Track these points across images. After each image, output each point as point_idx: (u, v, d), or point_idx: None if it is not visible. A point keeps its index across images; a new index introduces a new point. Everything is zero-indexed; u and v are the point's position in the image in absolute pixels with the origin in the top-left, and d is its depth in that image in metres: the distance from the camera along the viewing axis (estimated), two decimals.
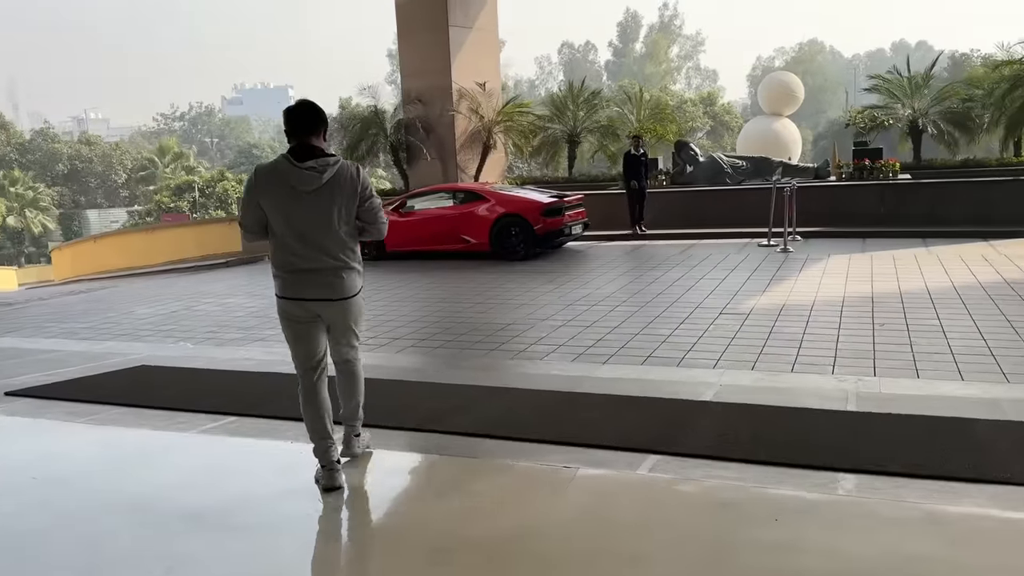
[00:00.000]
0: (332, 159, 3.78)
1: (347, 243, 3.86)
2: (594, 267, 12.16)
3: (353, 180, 3.82)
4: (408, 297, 10.44)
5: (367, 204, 3.90)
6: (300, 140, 3.77)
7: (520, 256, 13.18)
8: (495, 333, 8.05)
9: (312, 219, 3.75)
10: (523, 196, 13.72)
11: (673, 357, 6.76)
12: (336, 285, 3.85)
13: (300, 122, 3.78)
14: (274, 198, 3.76)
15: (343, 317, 3.95)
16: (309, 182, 3.71)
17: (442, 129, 19.01)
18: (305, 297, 3.83)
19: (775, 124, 23.25)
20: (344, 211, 3.80)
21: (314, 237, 3.76)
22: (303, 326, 3.91)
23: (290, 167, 3.72)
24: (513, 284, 10.95)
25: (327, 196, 3.75)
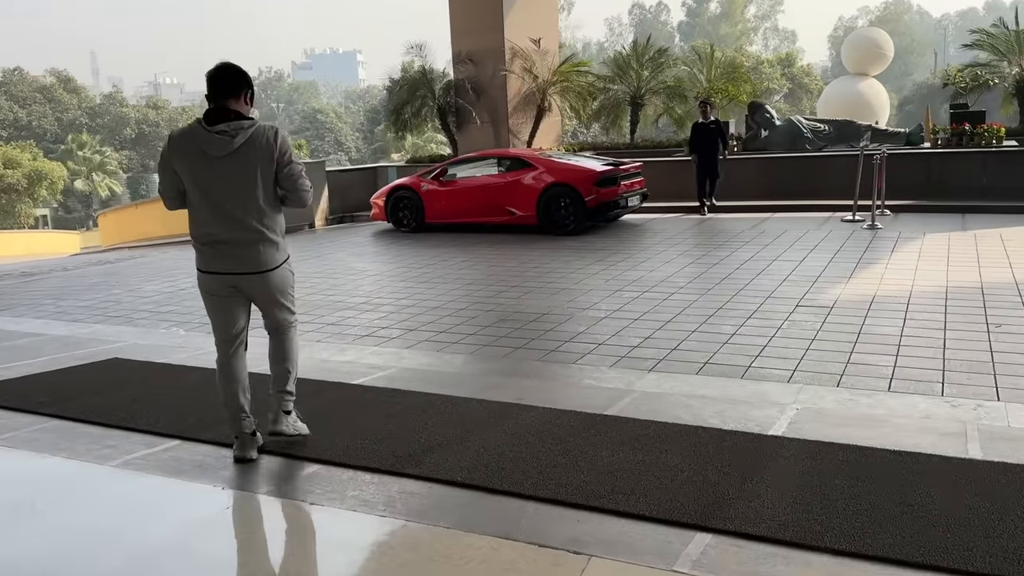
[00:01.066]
0: (247, 123, 3.57)
1: (265, 212, 3.65)
2: (651, 244, 10.81)
3: (269, 144, 3.60)
4: (437, 278, 9.30)
5: (286, 170, 3.66)
6: (217, 103, 3.60)
7: (569, 230, 11.91)
8: (526, 325, 6.85)
9: (225, 186, 3.58)
10: (574, 164, 12.40)
11: (738, 364, 5.45)
12: (253, 257, 3.67)
13: (218, 84, 3.60)
14: (186, 164, 3.59)
15: (265, 291, 3.78)
16: (220, 147, 3.53)
17: (494, 91, 17.76)
18: (221, 271, 3.68)
19: (860, 85, 21.23)
20: (260, 178, 3.61)
21: (228, 206, 3.60)
22: (221, 299, 3.77)
23: (201, 131, 3.56)
24: (557, 263, 9.71)
25: (240, 162, 3.56)
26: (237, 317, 3.83)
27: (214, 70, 3.63)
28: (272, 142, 3.61)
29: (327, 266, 10.57)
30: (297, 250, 12.51)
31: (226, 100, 3.59)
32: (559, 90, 17.60)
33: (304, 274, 9.92)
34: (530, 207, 12.17)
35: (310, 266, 10.59)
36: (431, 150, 37.94)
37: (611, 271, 9.05)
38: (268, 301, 3.83)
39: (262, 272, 3.71)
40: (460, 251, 11.14)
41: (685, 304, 7.26)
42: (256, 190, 3.60)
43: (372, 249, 12.00)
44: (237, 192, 3.58)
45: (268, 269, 3.72)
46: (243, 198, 3.59)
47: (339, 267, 10.39)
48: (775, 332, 6.21)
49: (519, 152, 13.34)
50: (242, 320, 3.86)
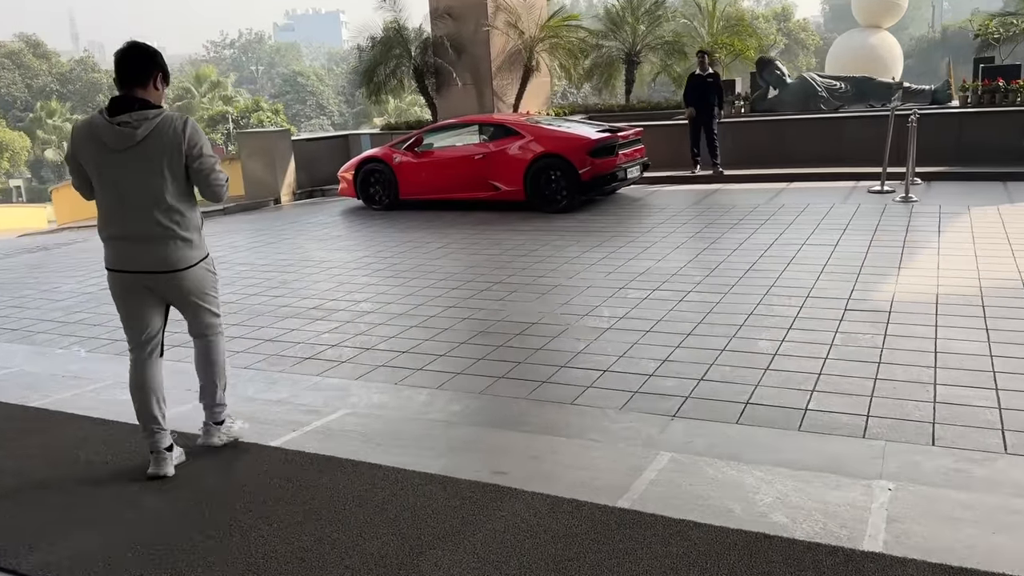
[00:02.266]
0: (152, 112, 3.27)
1: (174, 208, 3.36)
2: (655, 224, 9.41)
3: (177, 135, 3.30)
4: (407, 271, 7.91)
5: (196, 164, 3.35)
6: (122, 91, 3.31)
7: (561, 207, 10.50)
8: (511, 340, 5.48)
9: (130, 181, 3.30)
10: (566, 131, 10.93)
11: (790, 406, 4.11)
12: (163, 256, 3.39)
13: (122, 70, 3.30)
14: (90, 157, 3.32)
15: (179, 293, 3.51)
16: (122, 139, 3.25)
17: (476, 49, 16.18)
18: (129, 269, 3.41)
19: (872, 38, 19.66)
20: (168, 171, 3.31)
21: (134, 201, 3.32)
22: (132, 300, 3.48)
23: (103, 123, 3.27)
24: (548, 250, 8.31)
25: (145, 155, 3.28)
26: (150, 320, 3.52)
27: (119, 53, 3.33)
28: (180, 133, 3.31)
29: (281, 256, 9.14)
30: (253, 234, 11.17)
31: (131, 87, 3.30)
32: (547, 47, 16.04)
33: (254, 267, 8.51)
34: (516, 181, 10.74)
35: (262, 256, 9.16)
36: (415, 114, 36.25)
37: (612, 260, 7.66)
38: (184, 304, 3.57)
39: (173, 271, 3.43)
40: (436, 234, 9.71)
41: (706, 307, 5.90)
42: (163, 184, 3.31)
43: (336, 232, 10.56)
44: (142, 187, 3.30)
45: (180, 268, 3.44)
46: (149, 193, 3.31)
47: (295, 257, 8.97)
48: (827, 351, 4.86)
49: (503, 118, 11.85)
50: (156, 323, 3.55)
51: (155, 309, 3.52)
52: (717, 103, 12.66)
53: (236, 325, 6.24)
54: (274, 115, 43.70)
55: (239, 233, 11.08)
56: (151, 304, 3.50)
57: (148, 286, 3.44)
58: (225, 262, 8.75)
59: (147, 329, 3.51)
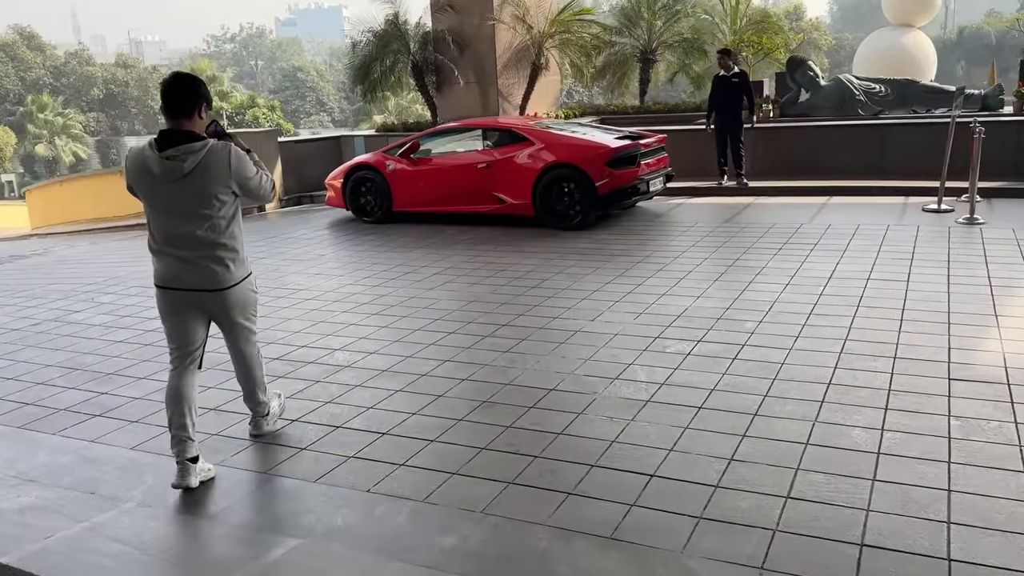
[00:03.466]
0: (197, 145, 3.44)
1: (221, 229, 3.54)
2: (685, 246, 8.16)
3: (223, 167, 3.47)
4: (394, 306, 6.68)
5: (244, 184, 3.56)
6: (171, 123, 3.47)
7: (575, 224, 9.26)
8: (521, 416, 4.24)
9: (179, 207, 3.46)
10: (581, 138, 9.68)
11: (924, 553, 2.87)
12: (210, 275, 3.57)
13: (170, 103, 3.46)
14: (142, 186, 3.51)
15: (223, 310, 3.68)
16: (170, 173, 3.42)
17: (480, 44, 14.95)
18: (176, 287, 3.57)
19: (903, 38, 18.37)
20: (215, 200, 3.49)
21: (183, 225, 3.49)
22: (177, 315, 3.64)
23: (152, 156, 3.44)
24: (563, 280, 7.07)
25: (193, 184, 3.44)
26: (193, 335, 3.69)
27: (166, 84, 3.50)
28: (227, 166, 3.48)
29: None
30: None
31: (179, 120, 3.45)
32: (558, 43, 14.79)
33: None
34: (524, 193, 9.49)
35: None
36: (416, 112, 34.98)
37: (640, 296, 6.42)
38: (227, 320, 3.75)
39: (220, 290, 3.61)
40: (432, 255, 8.46)
41: (769, 369, 4.66)
42: (211, 210, 3.49)
43: (319, 250, 9.30)
44: (191, 212, 3.47)
45: (226, 287, 3.62)
46: (198, 218, 3.48)
47: (266, 283, 7.73)
48: (947, 448, 3.62)
49: (510, 122, 10.59)
50: (198, 338, 3.72)
51: (199, 324, 3.69)
52: (747, 106, 11.46)
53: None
54: (270, 111, 42.41)
55: None
56: (196, 319, 3.66)
57: (194, 303, 3.61)
58: None
59: (190, 344, 3.68)
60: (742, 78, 11.68)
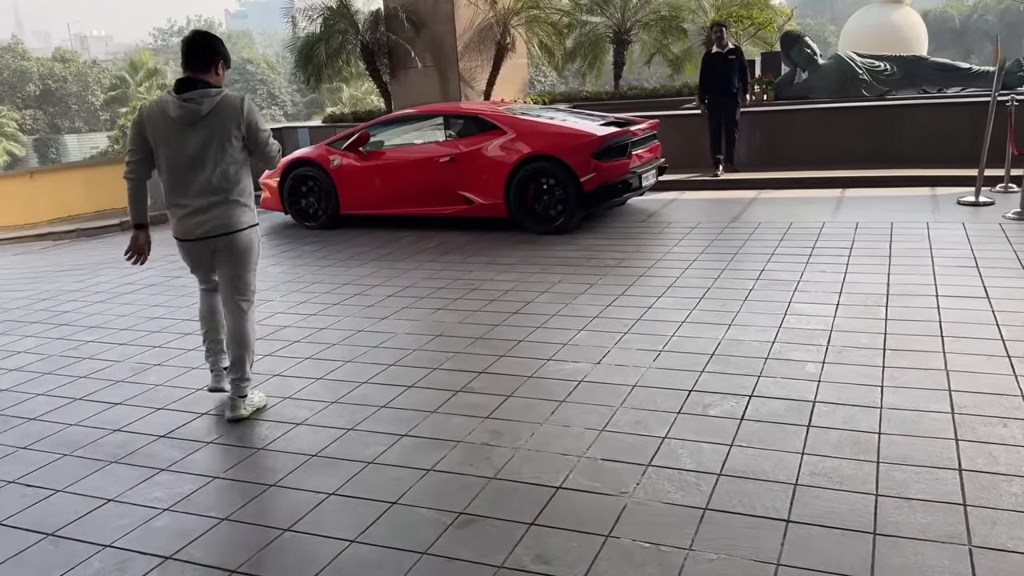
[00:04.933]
0: (213, 91, 3.70)
1: (231, 176, 3.76)
2: (691, 254, 6.74)
3: (236, 111, 3.72)
4: (335, 346, 5.15)
5: (253, 135, 3.78)
6: (187, 73, 3.73)
7: (556, 226, 7.81)
8: (515, 544, 2.76)
9: (195, 152, 3.69)
10: (561, 125, 8.20)
11: None
12: (221, 219, 3.76)
13: (188, 56, 3.74)
14: (159, 132, 3.70)
15: (230, 254, 3.83)
16: (187, 115, 3.65)
17: (438, 24, 13.40)
18: (192, 238, 3.80)
19: (893, 14, 17.19)
20: (227, 143, 3.72)
21: (196, 171, 3.71)
22: (196, 257, 3.92)
23: (171, 100, 3.69)
24: (549, 301, 5.58)
25: (207, 128, 3.68)
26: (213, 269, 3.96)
27: (185, 41, 3.74)
28: (239, 109, 3.72)
29: (136, 313, 6.29)
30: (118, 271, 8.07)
31: (195, 71, 3.71)
32: (524, 20, 13.28)
33: (80, 333, 5.67)
34: (496, 191, 8.00)
35: (110, 312, 6.31)
36: (373, 103, 33.16)
37: (653, 324, 4.97)
38: (230, 265, 3.86)
39: (230, 233, 3.78)
40: (386, 271, 6.92)
41: (865, 445, 3.23)
42: (223, 155, 3.71)
43: None
44: (204, 157, 3.69)
45: (236, 230, 3.80)
46: (210, 163, 3.70)
47: (166, 314, 6.13)
48: None
49: (476, 108, 9.05)
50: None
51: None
52: (740, 85, 10.18)
53: None
54: None
55: (104, 267, 8.18)
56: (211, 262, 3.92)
57: (209, 248, 3.82)
58: (45, 319, 5.93)
59: (212, 274, 4.01)
60: (738, 55, 10.37)
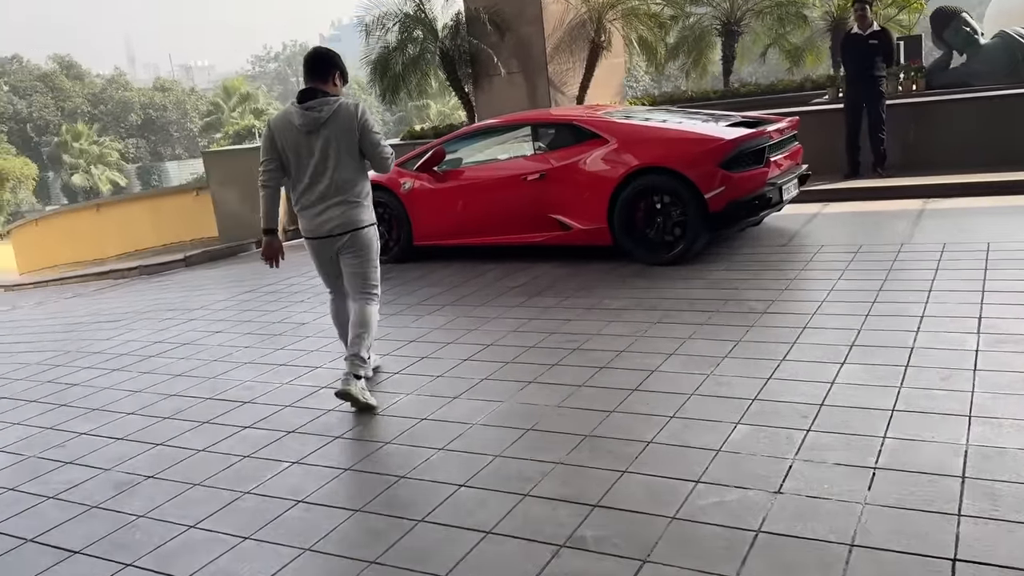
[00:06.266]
0: (332, 99, 4.04)
1: (349, 178, 4.07)
2: (853, 290, 5.04)
3: (350, 116, 4.02)
4: (369, 454, 3.74)
5: (366, 139, 4.06)
6: (308, 85, 4.10)
7: (673, 256, 6.24)
8: None
9: (318, 157, 4.02)
10: (677, 129, 6.64)
11: None
12: (342, 218, 4.08)
13: (309, 69, 4.12)
14: (286, 139, 4.06)
15: (351, 250, 4.15)
16: (310, 122, 4.00)
17: (525, 25, 12.01)
18: (319, 235, 4.14)
19: None
20: (344, 147, 4.03)
21: (319, 173, 4.04)
22: (324, 257, 4.25)
23: (294, 109, 4.05)
24: (670, 371, 4.02)
25: (327, 134, 4.01)
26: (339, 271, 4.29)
27: (308, 56, 4.16)
28: (353, 115, 4.03)
29: (153, 382, 5.04)
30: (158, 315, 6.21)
31: (315, 82, 4.09)
32: (621, 14, 11.74)
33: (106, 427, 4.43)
34: (597, 214, 6.49)
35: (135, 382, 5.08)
36: (459, 118, 32.16)
37: (853, 418, 3.34)
38: (353, 261, 4.19)
39: (352, 231, 4.12)
40: (463, 322, 5.49)
41: None
42: (342, 158, 4.03)
43: (301, 313, 6.38)
44: (327, 160, 4.02)
45: (356, 228, 4.13)
46: (333, 166, 4.03)
47: (194, 369, 4.86)
48: None
49: (571, 114, 7.56)
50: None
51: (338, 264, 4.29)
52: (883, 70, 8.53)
53: None
54: None
55: (143, 318, 7.04)
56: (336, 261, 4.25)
57: (334, 246, 4.16)
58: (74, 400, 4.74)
59: (339, 277, 4.31)
60: (882, 37, 8.64)
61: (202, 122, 50.03)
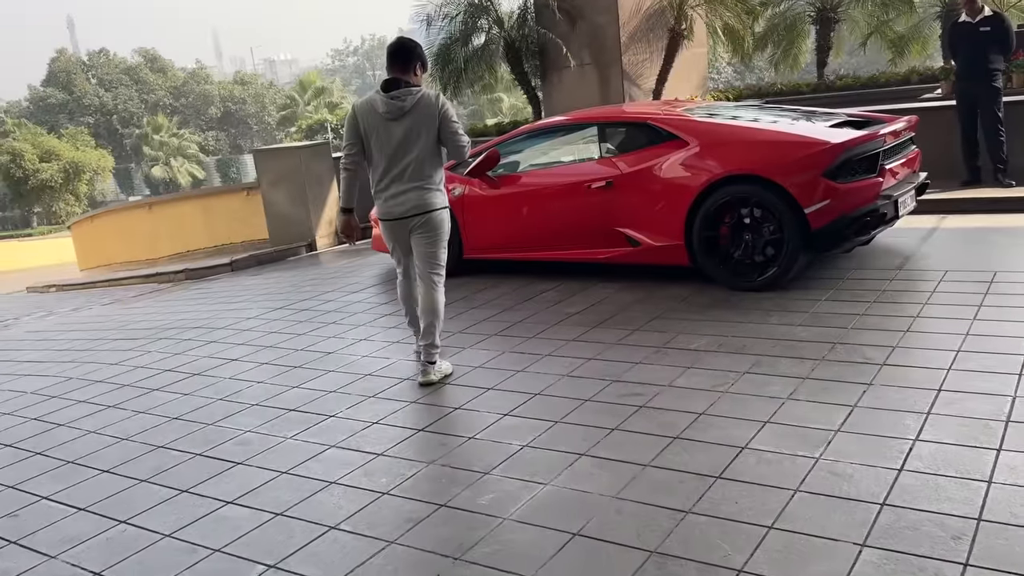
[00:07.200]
0: (415, 89, 4.22)
1: (428, 163, 4.26)
2: (997, 330, 3.98)
3: (431, 106, 4.21)
4: (376, 551, 2.90)
5: (445, 127, 4.25)
6: (392, 74, 4.28)
7: (764, 280, 5.25)
8: None
9: (398, 143, 4.21)
10: (770, 130, 5.63)
11: None
12: (418, 201, 4.26)
13: (392, 59, 4.30)
14: (369, 124, 4.25)
15: (424, 231, 4.30)
16: (394, 110, 4.18)
17: (597, 13, 11.08)
18: (395, 217, 4.30)
19: None
20: (426, 135, 4.22)
21: (400, 158, 4.23)
22: (398, 238, 4.41)
23: (379, 97, 4.24)
24: (763, 447, 3.06)
25: (410, 122, 4.19)
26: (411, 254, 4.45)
27: (391, 46, 4.35)
28: (435, 104, 4.22)
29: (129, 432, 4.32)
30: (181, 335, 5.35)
31: (397, 72, 4.26)
32: (704, 1, 10.66)
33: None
34: (672, 229, 5.55)
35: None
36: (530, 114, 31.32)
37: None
38: (424, 242, 4.33)
39: (425, 213, 4.28)
40: (502, 363, 4.62)
41: None
42: (422, 145, 4.22)
43: (327, 340, 5.63)
44: (407, 146, 4.21)
45: (431, 210, 4.29)
46: (412, 152, 4.21)
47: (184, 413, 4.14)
48: None
49: (644, 111, 6.58)
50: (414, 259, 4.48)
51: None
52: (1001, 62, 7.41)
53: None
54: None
55: (165, 335, 6.39)
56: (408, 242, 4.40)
57: (407, 227, 4.32)
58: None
59: (410, 255, 4.44)
60: (999, 25, 7.46)
61: (279, 115, 50.47)
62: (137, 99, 53.29)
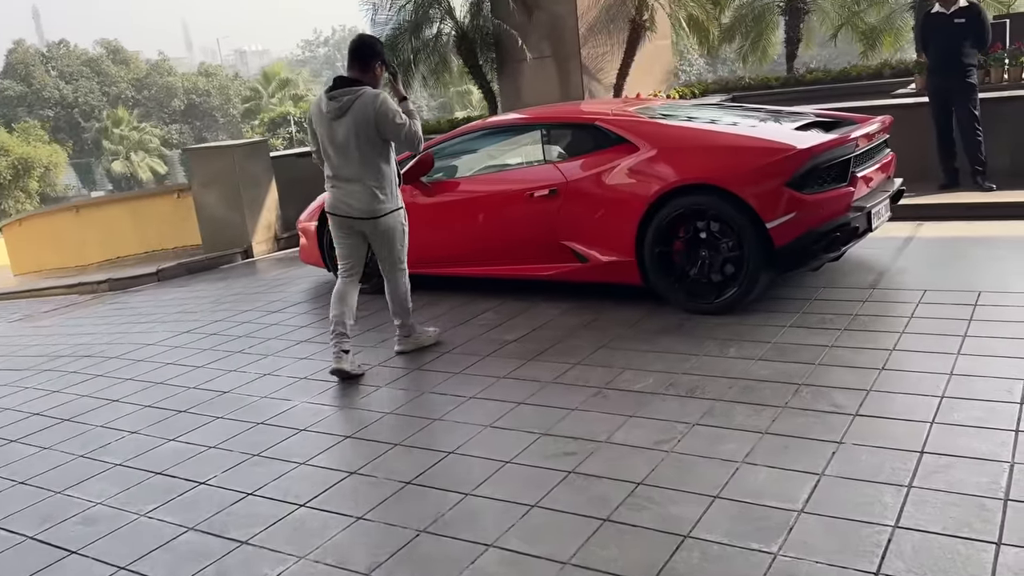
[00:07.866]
0: (356, 88, 4.19)
1: (368, 166, 4.24)
2: (989, 367, 3.41)
3: (368, 105, 4.15)
4: None
5: (384, 128, 4.19)
6: (352, 71, 4.29)
7: (723, 302, 4.67)
8: None
9: (341, 142, 4.22)
10: (730, 134, 5.02)
11: None
12: (362, 204, 4.28)
13: (352, 56, 4.31)
14: (317, 124, 4.33)
15: (374, 235, 4.37)
16: (333, 110, 4.20)
17: (555, 4, 10.48)
18: (341, 214, 4.34)
19: None
20: (363, 137, 4.19)
21: (342, 159, 4.25)
22: (343, 235, 4.43)
23: (324, 97, 4.27)
24: (718, 532, 2.46)
25: (348, 123, 4.18)
26: (356, 253, 4.48)
27: (351, 43, 4.36)
28: (370, 104, 4.15)
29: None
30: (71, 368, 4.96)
31: (357, 69, 4.28)
32: None
33: None
34: (622, 243, 4.94)
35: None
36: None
37: None
38: (378, 245, 4.43)
39: (370, 219, 4.31)
40: (421, 404, 3.99)
41: None
42: (360, 147, 4.20)
43: (228, 378, 4.96)
44: (346, 148, 4.22)
45: (375, 216, 4.30)
46: (351, 153, 4.22)
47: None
48: None
49: (593, 111, 5.92)
50: (358, 255, 4.49)
51: (358, 244, 4.46)
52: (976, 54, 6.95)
53: None
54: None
55: (55, 364, 5.69)
56: (356, 241, 4.44)
57: (354, 228, 4.37)
58: None
59: (351, 258, 4.46)
60: (974, 17, 6.96)
61: (243, 107, 49.27)
62: (98, 92, 51.80)
